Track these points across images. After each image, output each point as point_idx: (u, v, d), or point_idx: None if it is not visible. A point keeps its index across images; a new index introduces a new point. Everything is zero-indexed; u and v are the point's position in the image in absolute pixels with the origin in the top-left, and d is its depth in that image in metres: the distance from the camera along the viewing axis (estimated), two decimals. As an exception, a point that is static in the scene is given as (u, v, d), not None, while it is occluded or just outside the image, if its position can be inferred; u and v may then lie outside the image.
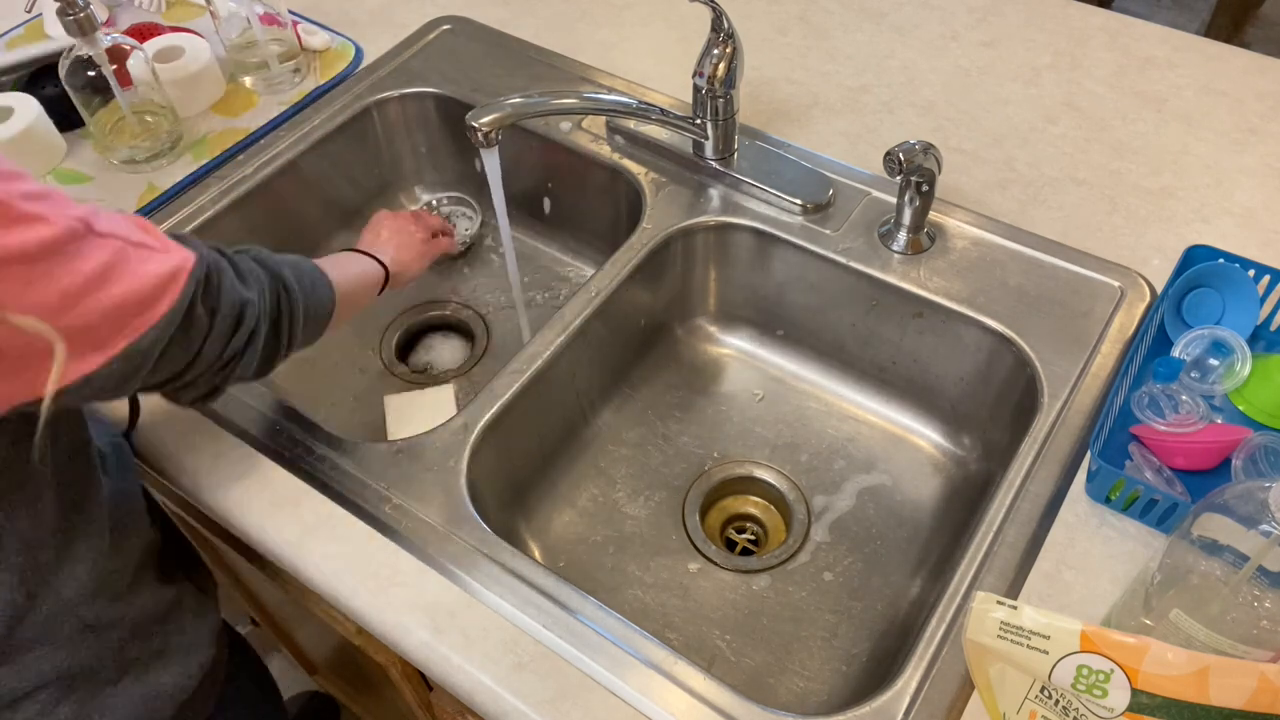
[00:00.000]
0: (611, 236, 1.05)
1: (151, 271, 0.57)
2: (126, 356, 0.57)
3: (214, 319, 0.62)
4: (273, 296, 0.69)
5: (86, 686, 0.68)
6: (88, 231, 0.54)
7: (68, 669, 0.66)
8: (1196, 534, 0.56)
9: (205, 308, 0.61)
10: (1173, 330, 0.83)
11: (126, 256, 0.56)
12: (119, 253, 0.56)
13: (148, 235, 0.59)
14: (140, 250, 0.57)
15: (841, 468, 0.95)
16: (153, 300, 0.57)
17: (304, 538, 0.74)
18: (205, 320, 0.62)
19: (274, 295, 0.69)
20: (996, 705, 0.60)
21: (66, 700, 0.67)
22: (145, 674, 0.71)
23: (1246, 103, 1.03)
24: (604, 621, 0.68)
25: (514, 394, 0.83)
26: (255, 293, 0.67)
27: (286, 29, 1.10)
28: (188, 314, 0.60)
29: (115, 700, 0.69)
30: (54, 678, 0.66)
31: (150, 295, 0.57)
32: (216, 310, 0.63)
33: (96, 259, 0.54)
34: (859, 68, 1.10)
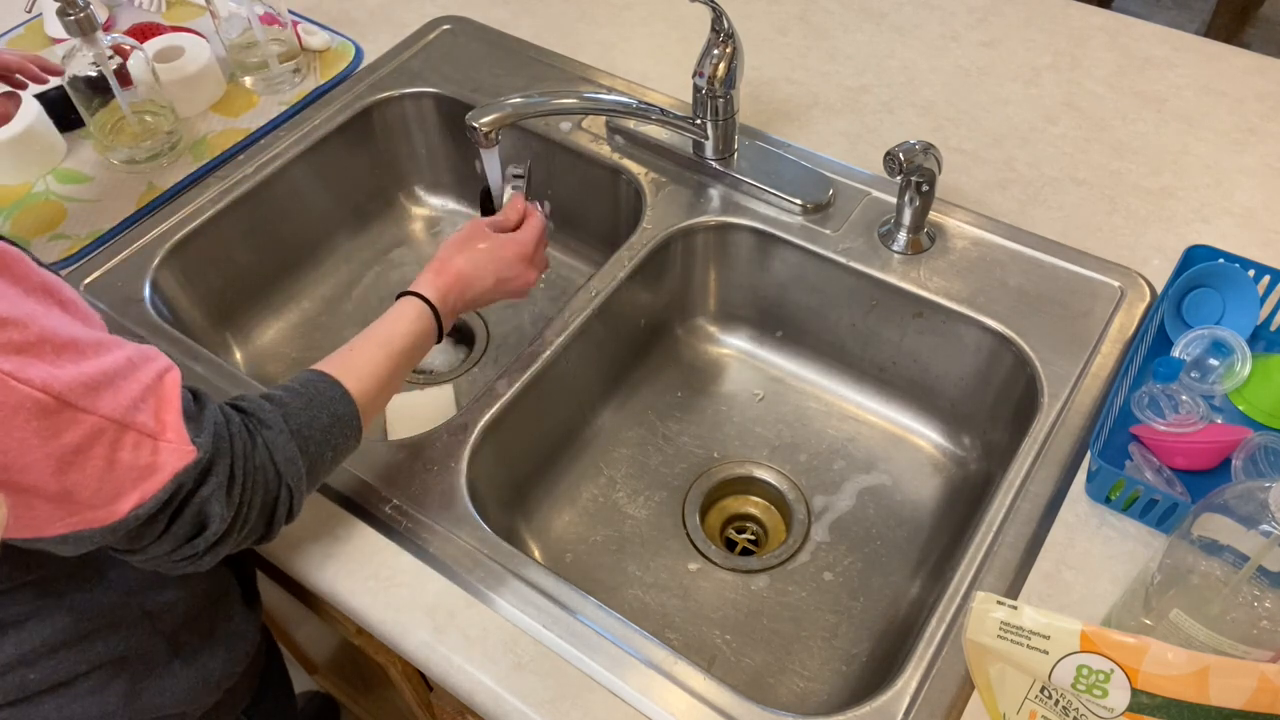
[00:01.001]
0: (611, 236, 1.05)
1: (126, 463, 0.51)
2: (64, 540, 0.52)
3: (170, 526, 0.56)
4: (266, 503, 0.61)
5: (139, 667, 0.70)
6: (60, 407, 0.48)
7: (122, 653, 0.68)
8: (1196, 534, 0.56)
9: (166, 514, 0.55)
10: (1173, 330, 0.83)
11: (104, 439, 0.50)
12: (95, 435, 0.50)
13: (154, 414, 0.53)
14: (128, 433, 0.51)
15: (841, 468, 0.95)
16: (115, 496, 0.52)
17: (304, 538, 0.74)
18: (161, 525, 0.55)
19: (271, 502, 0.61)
20: (996, 705, 0.60)
21: (119, 678, 0.68)
22: (195, 658, 0.73)
23: (1246, 103, 1.03)
24: (604, 621, 0.68)
25: (514, 394, 0.83)
26: (239, 503, 0.58)
27: (286, 29, 1.10)
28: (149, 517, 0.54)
29: (165, 682, 0.71)
30: (109, 660, 0.67)
31: (114, 490, 0.51)
32: (177, 518, 0.56)
33: (62, 439, 0.48)
34: (859, 68, 1.10)
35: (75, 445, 0.49)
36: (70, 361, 0.49)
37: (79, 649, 0.66)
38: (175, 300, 0.97)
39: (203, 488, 0.56)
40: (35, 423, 0.47)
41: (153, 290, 0.92)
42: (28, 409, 0.47)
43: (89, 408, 0.49)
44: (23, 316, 0.48)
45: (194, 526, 0.57)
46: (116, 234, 0.96)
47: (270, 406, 0.62)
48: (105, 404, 0.50)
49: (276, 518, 0.62)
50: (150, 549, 0.56)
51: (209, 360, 0.85)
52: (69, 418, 0.48)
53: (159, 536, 0.56)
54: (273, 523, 0.62)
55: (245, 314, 1.07)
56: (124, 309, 0.90)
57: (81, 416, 0.49)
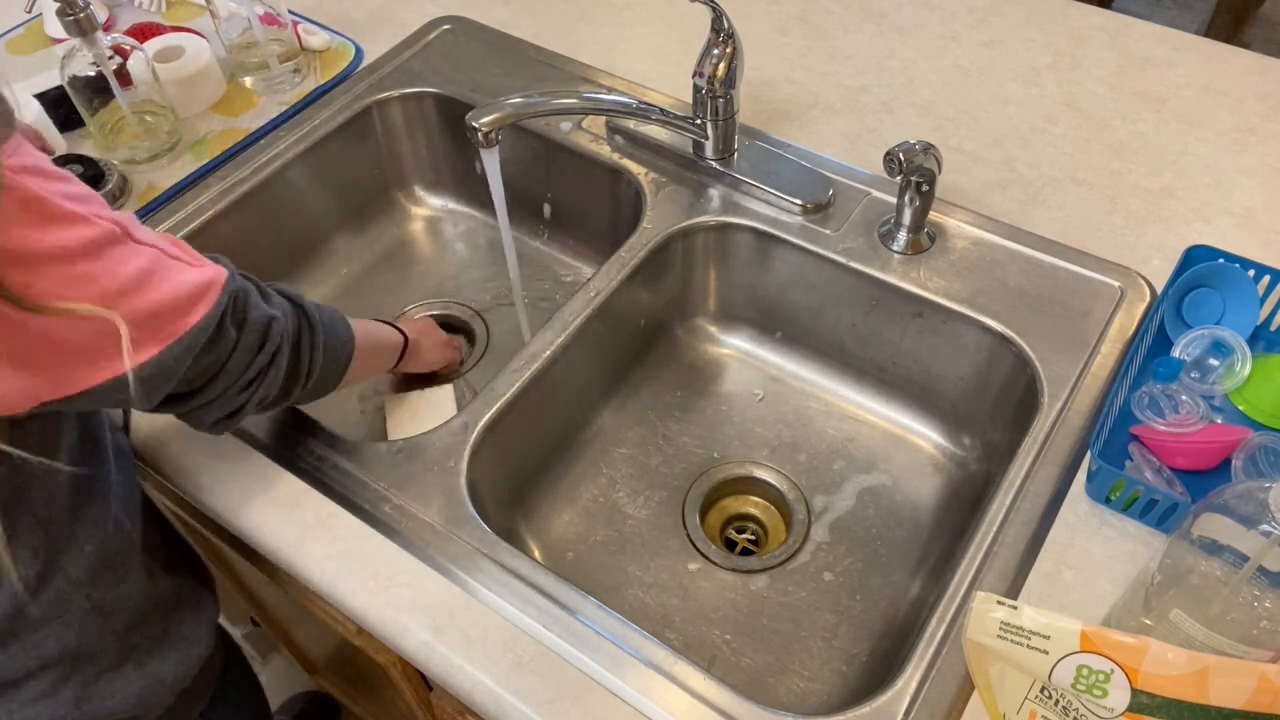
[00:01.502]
0: (611, 236, 1.05)
1: (187, 281, 0.59)
2: (159, 362, 0.58)
3: (241, 333, 0.64)
4: (294, 320, 0.70)
5: (90, 669, 0.69)
6: (126, 237, 0.55)
7: (73, 650, 0.67)
8: (1196, 534, 0.56)
9: (233, 322, 0.63)
10: (1173, 330, 0.83)
11: (163, 265, 0.58)
12: (156, 260, 0.57)
13: (181, 250, 0.61)
14: (176, 262, 0.59)
15: (841, 468, 0.95)
16: (187, 308, 0.59)
17: (304, 538, 0.74)
18: (233, 334, 0.63)
19: (295, 320, 0.70)
20: (996, 705, 0.60)
21: (70, 681, 0.68)
22: (147, 660, 0.73)
23: (1246, 103, 1.03)
24: (604, 621, 0.68)
25: (514, 394, 0.83)
26: (280, 311, 0.68)
27: (286, 29, 1.10)
28: (218, 326, 0.61)
29: (117, 685, 0.71)
30: (58, 658, 0.67)
31: (185, 303, 0.59)
32: (244, 325, 0.64)
33: (134, 264, 0.55)
34: (859, 68, 1.10)
35: (147, 267, 0.56)
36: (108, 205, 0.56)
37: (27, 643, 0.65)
38: (175, 300, 0.97)
39: (250, 297, 0.65)
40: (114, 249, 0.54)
41: (153, 290, 0.92)
42: (108, 240, 0.54)
43: (143, 239, 0.57)
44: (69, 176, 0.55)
45: (260, 332, 0.65)
46: (116, 234, 0.96)
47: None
48: (150, 237, 0.58)
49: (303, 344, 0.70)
50: (230, 364, 0.63)
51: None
52: (133, 246, 0.56)
53: (234, 348, 0.63)
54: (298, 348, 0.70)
55: (245, 314, 1.07)
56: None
57: (141, 246, 0.57)
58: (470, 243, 1.18)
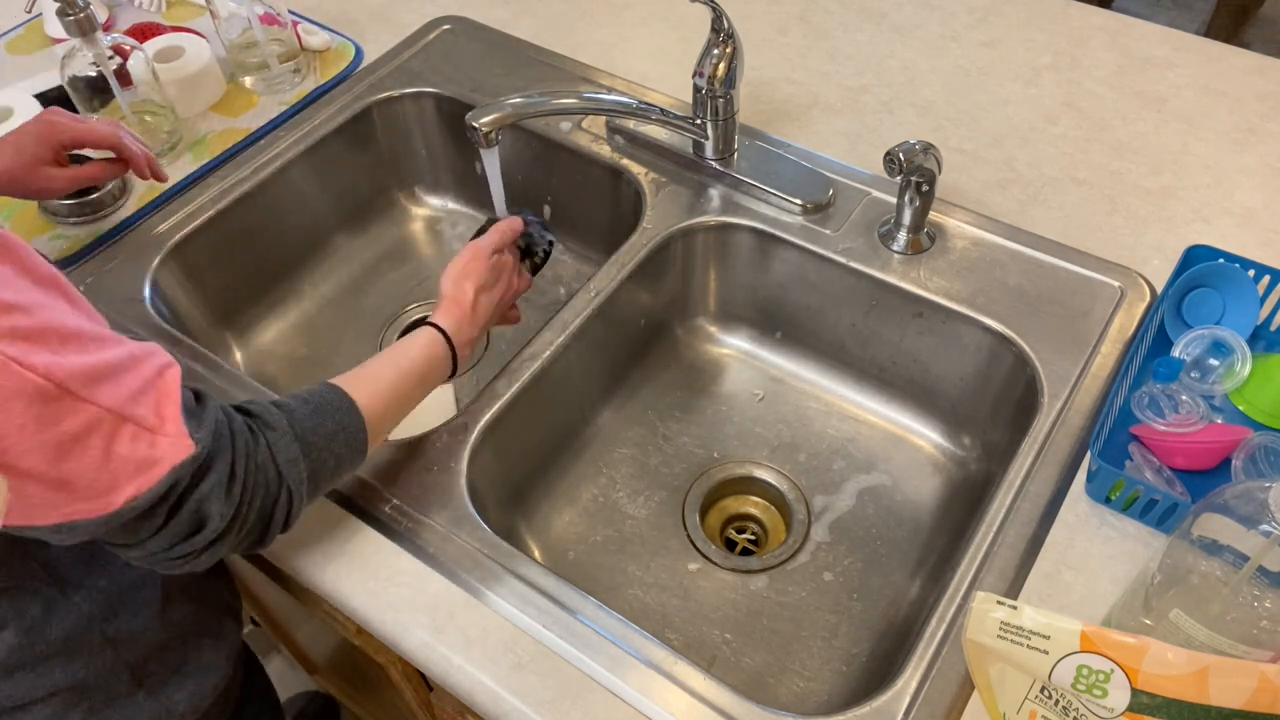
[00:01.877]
0: (611, 236, 1.05)
1: (122, 456, 0.51)
2: (58, 529, 0.52)
3: (169, 521, 0.56)
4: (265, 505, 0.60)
5: (99, 696, 0.68)
6: (60, 395, 0.48)
7: (82, 680, 0.66)
8: (1196, 534, 0.56)
9: (164, 508, 0.55)
10: (1173, 330, 0.83)
11: (101, 431, 0.50)
12: (93, 424, 0.50)
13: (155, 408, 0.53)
14: (126, 426, 0.51)
15: (841, 468, 0.95)
16: (110, 488, 0.51)
17: (304, 538, 0.74)
18: (160, 519, 0.55)
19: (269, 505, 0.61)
20: (996, 705, 0.60)
21: (77, 708, 0.67)
22: (160, 690, 0.71)
23: (1246, 103, 1.03)
24: (604, 621, 0.68)
25: (514, 394, 0.83)
26: (239, 502, 0.58)
27: (286, 29, 1.10)
28: (146, 510, 0.54)
29: (127, 713, 0.69)
30: (67, 686, 0.66)
31: (110, 482, 0.51)
32: (177, 513, 0.56)
33: (61, 426, 0.49)
34: (859, 68, 1.10)
35: (73, 434, 0.49)
36: (74, 352, 0.50)
37: (36, 674, 0.64)
38: (175, 300, 0.97)
39: (202, 484, 0.56)
40: (35, 408, 0.47)
41: (153, 290, 0.92)
42: (28, 394, 0.47)
43: (89, 397, 0.49)
44: (29, 303, 0.49)
45: (192, 524, 0.56)
46: (117, 234, 0.96)
47: (276, 410, 0.62)
48: (105, 395, 0.50)
49: (274, 521, 0.61)
50: (148, 544, 0.56)
51: (209, 360, 0.85)
52: (69, 406, 0.49)
53: (156, 531, 0.55)
54: (269, 526, 0.61)
55: (245, 314, 1.07)
56: (124, 309, 0.90)
57: (81, 405, 0.49)
58: (470, 243, 1.18)
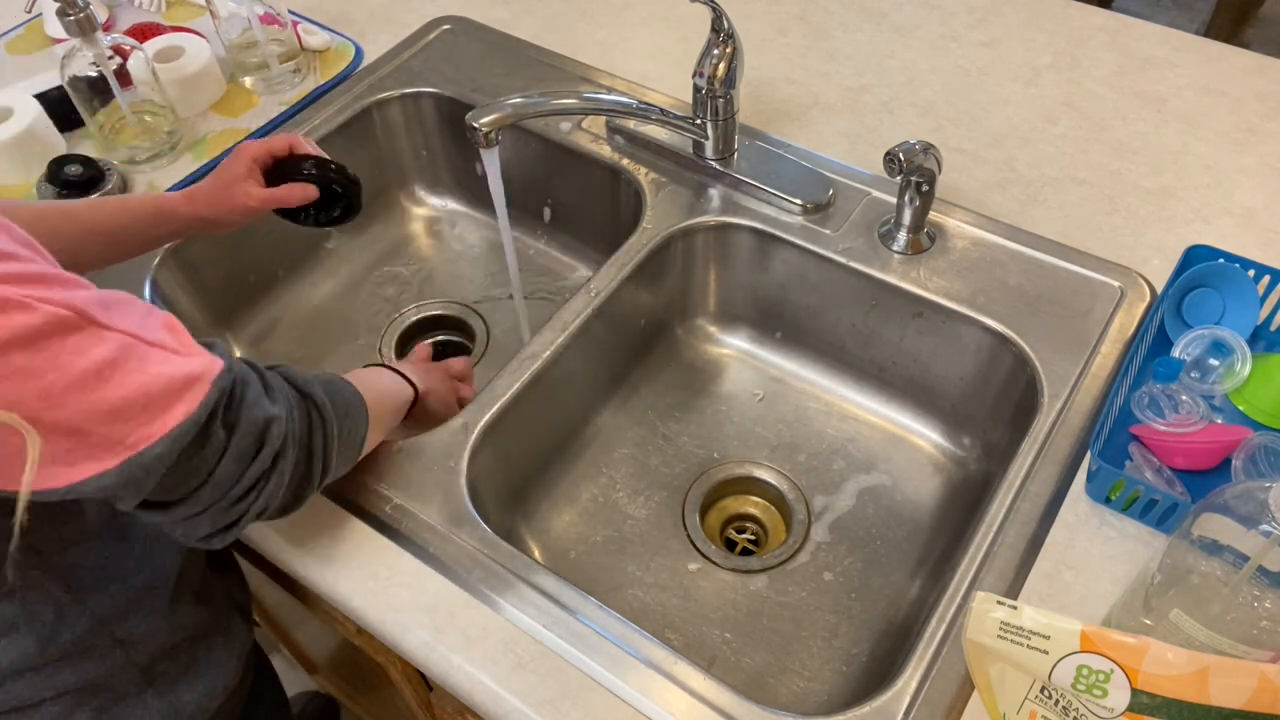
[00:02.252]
0: (611, 236, 1.05)
1: (165, 374, 0.51)
2: (124, 470, 0.50)
3: (232, 436, 0.55)
4: (303, 417, 0.61)
5: (108, 696, 0.68)
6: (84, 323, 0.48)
7: (92, 680, 0.66)
8: (1196, 534, 0.56)
9: (223, 424, 0.54)
10: (1173, 330, 0.83)
11: (135, 354, 0.50)
12: (124, 350, 0.49)
13: (170, 335, 0.53)
14: (154, 350, 0.51)
15: (841, 468, 0.95)
16: (163, 407, 0.51)
17: (304, 538, 0.74)
18: (222, 437, 0.54)
19: (304, 415, 0.61)
20: (996, 705, 0.60)
21: (85, 707, 0.67)
22: (169, 690, 0.71)
23: (1246, 103, 1.03)
24: (604, 621, 0.68)
25: (514, 394, 0.83)
26: (283, 410, 0.59)
27: (286, 29, 1.10)
28: (203, 429, 0.53)
29: (135, 713, 0.69)
30: (77, 686, 0.66)
31: (160, 401, 0.50)
32: (235, 427, 0.55)
33: (93, 355, 0.48)
34: (859, 68, 1.10)
35: (109, 359, 0.49)
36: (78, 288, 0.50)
37: (46, 674, 0.64)
38: (175, 300, 0.97)
39: (247, 391, 0.56)
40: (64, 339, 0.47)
41: (153, 290, 0.92)
42: (55, 328, 0.47)
43: (110, 323, 0.49)
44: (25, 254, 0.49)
45: (255, 436, 0.56)
46: (116, 234, 0.96)
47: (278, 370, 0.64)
48: (121, 321, 0.50)
49: (314, 440, 0.62)
50: (218, 472, 0.55)
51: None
52: (94, 334, 0.48)
53: (222, 455, 0.54)
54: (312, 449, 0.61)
55: (245, 314, 1.07)
56: (124, 309, 0.89)
57: (106, 333, 0.49)
58: (470, 243, 1.18)
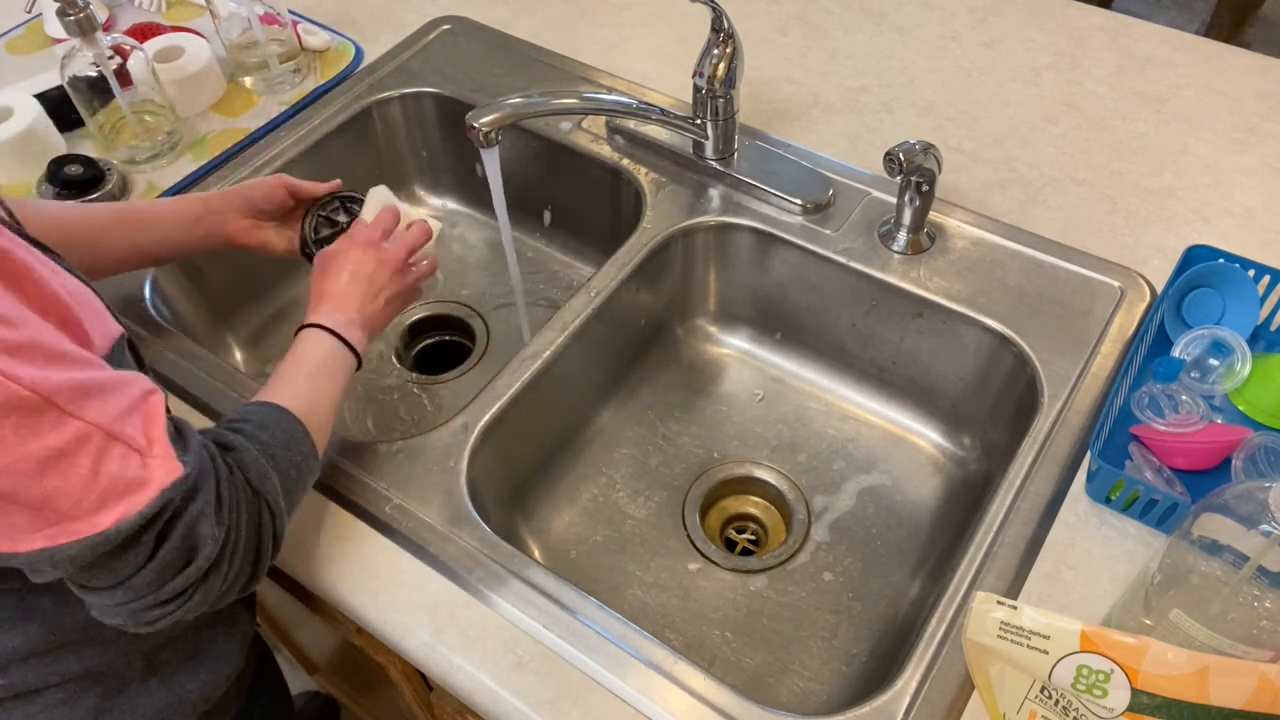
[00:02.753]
0: (611, 236, 1.05)
1: (110, 474, 0.50)
2: (39, 556, 0.50)
3: (159, 549, 0.53)
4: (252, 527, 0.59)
5: (112, 683, 0.68)
6: (47, 406, 0.47)
7: (95, 667, 0.67)
8: (1196, 534, 0.56)
9: (156, 535, 0.53)
10: (1173, 330, 0.83)
11: (90, 448, 0.49)
12: (81, 441, 0.49)
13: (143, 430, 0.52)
14: (115, 445, 0.50)
15: (841, 468, 0.95)
16: (98, 507, 0.50)
17: (304, 537, 0.74)
18: (148, 548, 0.53)
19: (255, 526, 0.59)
20: (996, 705, 0.60)
21: (90, 693, 0.67)
22: (173, 678, 0.71)
23: (1246, 103, 1.03)
24: (604, 621, 0.68)
25: (514, 394, 0.83)
26: (227, 525, 0.56)
27: (286, 29, 1.10)
28: (131, 538, 0.52)
29: (138, 700, 0.70)
30: (80, 673, 0.66)
31: (98, 501, 0.50)
32: (166, 539, 0.53)
33: (46, 440, 0.47)
34: (859, 68, 1.10)
35: (59, 449, 0.48)
36: (61, 369, 0.49)
37: (50, 660, 0.64)
38: (175, 300, 0.97)
39: (191, 505, 0.54)
40: (18, 420, 0.46)
41: (153, 290, 0.92)
42: (12, 406, 0.46)
43: (76, 412, 0.48)
44: (18, 319, 0.48)
45: (185, 552, 0.54)
46: (116, 234, 0.96)
47: (230, 432, 0.61)
48: (93, 412, 0.49)
49: (263, 543, 0.60)
50: (134, 580, 0.53)
51: (209, 360, 0.85)
52: (54, 419, 0.48)
53: (144, 563, 0.53)
54: (260, 552, 0.60)
55: (245, 314, 1.07)
56: (124, 309, 0.90)
57: (68, 420, 0.48)
58: (470, 243, 1.18)
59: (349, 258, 0.77)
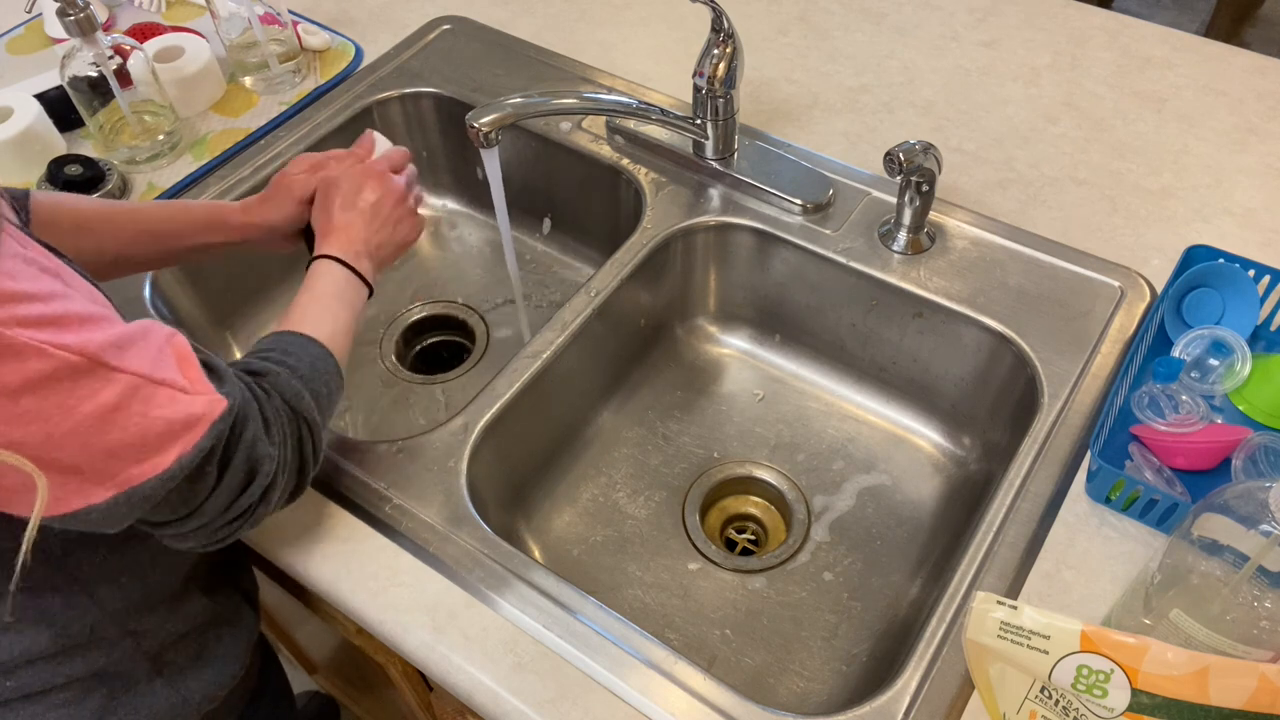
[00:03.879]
0: (611, 236, 1.05)
1: (165, 417, 0.53)
2: (115, 503, 0.53)
3: (224, 475, 0.57)
4: (294, 434, 0.63)
5: (118, 684, 0.69)
6: (95, 366, 0.50)
7: (101, 669, 0.67)
8: (1196, 534, 0.56)
9: (218, 462, 0.56)
10: (1173, 330, 0.83)
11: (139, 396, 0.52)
12: (130, 391, 0.51)
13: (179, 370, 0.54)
14: (160, 390, 0.53)
15: (841, 468, 0.95)
16: (157, 449, 0.53)
17: (303, 537, 0.74)
18: (213, 476, 0.57)
19: (296, 433, 0.63)
20: (996, 705, 0.60)
21: (96, 694, 0.67)
22: (178, 678, 0.72)
23: (1246, 103, 1.03)
24: (604, 621, 0.68)
25: (514, 394, 0.83)
26: (278, 444, 0.61)
27: (286, 29, 1.10)
28: (196, 469, 0.55)
29: (143, 700, 0.70)
30: (86, 675, 0.67)
31: (155, 444, 0.52)
32: (229, 465, 0.57)
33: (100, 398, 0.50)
34: (859, 68, 1.10)
35: (114, 403, 0.50)
36: (94, 329, 0.51)
37: (57, 662, 0.65)
38: (175, 300, 0.97)
39: (245, 433, 0.58)
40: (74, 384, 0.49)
41: (153, 290, 0.92)
42: (66, 373, 0.48)
43: (121, 365, 0.51)
44: (48, 292, 0.50)
45: (247, 473, 0.58)
46: (116, 234, 0.96)
47: (256, 360, 0.65)
48: (134, 362, 0.52)
49: (305, 457, 0.64)
50: (206, 506, 0.57)
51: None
52: (104, 376, 0.50)
53: (212, 491, 0.57)
54: (303, 465, 0.64)
55: (245, 314, 1.07)
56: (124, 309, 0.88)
57: (115, 375, 0.51)
58: (470, 243, 1.18)
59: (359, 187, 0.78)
